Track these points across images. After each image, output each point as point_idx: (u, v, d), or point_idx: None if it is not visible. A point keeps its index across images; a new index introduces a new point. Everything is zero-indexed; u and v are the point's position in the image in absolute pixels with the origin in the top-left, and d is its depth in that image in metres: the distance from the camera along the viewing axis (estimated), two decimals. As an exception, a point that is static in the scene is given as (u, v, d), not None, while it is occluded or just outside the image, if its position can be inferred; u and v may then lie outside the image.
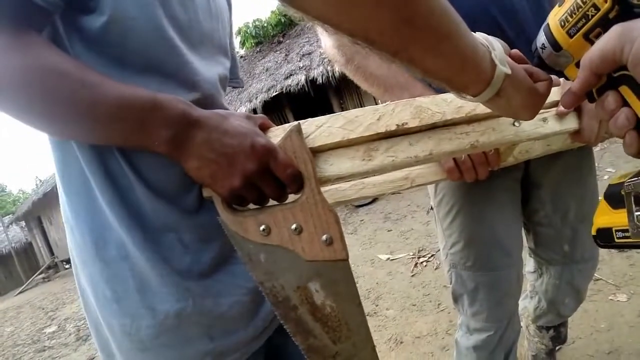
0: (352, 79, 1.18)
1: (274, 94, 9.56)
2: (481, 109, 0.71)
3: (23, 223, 24.02)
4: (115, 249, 0.68)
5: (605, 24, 0.47)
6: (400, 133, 0.69)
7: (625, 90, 0.47)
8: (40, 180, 23.79)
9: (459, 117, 0.70)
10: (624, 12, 0.45)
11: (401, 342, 2.63)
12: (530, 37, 0.57)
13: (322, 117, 0.66)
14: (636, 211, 0.45)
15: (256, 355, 0.81)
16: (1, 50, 0.55)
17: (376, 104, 0.72)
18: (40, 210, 19.71)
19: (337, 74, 8.54)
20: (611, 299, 2.32)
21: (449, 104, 0.70)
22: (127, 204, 0.67)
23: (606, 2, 0.45)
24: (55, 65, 0.56)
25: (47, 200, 17.16)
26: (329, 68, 8.78)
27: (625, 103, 0.48)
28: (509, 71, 0.54)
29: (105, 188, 0.66)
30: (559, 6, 0.52)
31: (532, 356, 1.89)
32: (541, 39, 0.55)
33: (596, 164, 4.44)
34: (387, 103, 0.68)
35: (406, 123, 0.67)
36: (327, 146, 0.66)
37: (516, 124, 0.74)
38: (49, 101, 0.56)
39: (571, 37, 0.50)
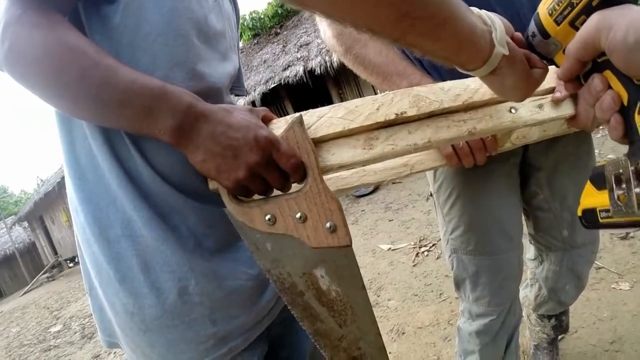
0: (351, 68, 1.19)
1: (273, 85, 9.54)
2: (478, 96, 0.72)
3: (26, 223, 24.11)
4: (120, 228, 0.70)
5: (589, 11, 0.48)
6: (400, 122, 0.70)
7: (608, 74, 0.49)
8: (42, 180, 23.77)
9: (456, 105, 0.71)
10: None
11: (403, 333, 2.64)
12: (524, 21, 0.59)
13: (324, 107, 0.68)
14: (617, 190, 0.47)
15: (258, 343, 0.83)
16: (29, 25, 0.60)
17: (375, 93, 0.73)
18: (42, 210, 19.76)
19: (335, 64, 8.52)
20: (614, 288, 2.31)
21: (446, 93, 0.71)
22: (135, 184, 0.70)
23: None
24: (75, 44, 0.60)
25: (49, 200, 17.23)
26: (327, 58, 8.75)
27: (610, 87, 0.50)
28: (506, 52, 0.56)
29: (115, 169, 0.69)
30: None
31: (534, 346, 1.89)
32: (532, 27, 0.57)
33: (598, 151, 4.41)
34: (386, 93, 0.70)
35: (405, 112, 0.68)
36: (329, 136, 0.67)
37: (512, 110, 0.75)
38: (63, 76, 0.59)
39: (558, 24, 0.52)
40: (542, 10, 0.54)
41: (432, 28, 0.49)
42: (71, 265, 18.76)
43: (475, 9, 0.56)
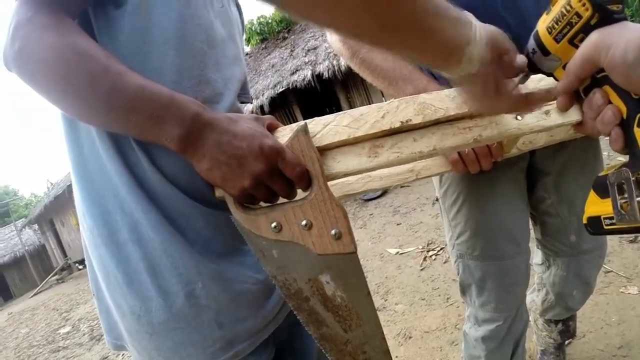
0: (357, 71, 1.19)
1: (281, 90, 9.56)
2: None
3: (36, 226, 24.35)
4: (128, 232, 0.70)
5: (587, 30, 0.50)
6: (405, 129, 0.70)
7: (608, 89, 0.51)
8: (52, 184, 24.03)
9: (461, 113, 0.71)
10: (603, 18, 0.48)
11: (410, 337, 2.63)
12: (530, 25, 0.60)
13: (329, 115, 0.68)
14: (619, 199, 0.49)
15: (264, 348, 0.83)
16: (39, 28, 0.61)
17: (383, 97, 0.74)
18: (52, 213, 19.93)
19: (343, 68, 8.52)
20: (622, 292, 2.29)
21: (452, 100, 0.71)
22: (143, 188, 0.70)
23: (587, 10, 0.49)
24: (85, 49, 0.61)
25: (59, 203, 17.37)
26: (334, 62, 8.76)
27: (610, 102, 0.52)
28: (472, 71, 0.56)
29: (123, 173, 0.69)
30: (547, 14, 0.56)
31: (540, 351, 1.88)
32: (531, 44, 0.59)
33: (607, 153, 4.38)
34: (391, 100, 0.70)
35: (410, 120, 0.69)
36: (334, 144, 0.68)
37: (518, 117, 0.75)
38: (72, 80, 0.60)
39: (558, 42, 0.54)
40: (541, 28, 0.56)
41: (414, 41, 0.52)
42: (80, 267, 18.85)
43: (468, 17, 0.56)
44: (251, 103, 1.11)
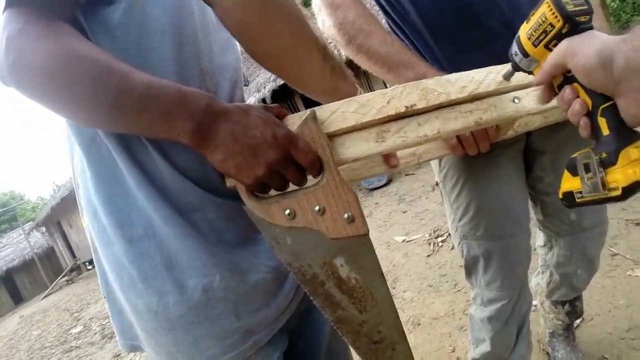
0: (353, 58, 1.17)
1: (282, 82, 9.46)
2: (483, 87, 0.75)
3: (43, 229, 24.41)
4: (142, 228, 0.70)
5: (559, 37, 0.61)
6: (410, 114, 0.72)
7: (576, 86, 0.61)
8: (58, 186, 24.10)
9: (462, 97, 0.74)
10: (573, 28, 0.59)
11: (419, 324, 2.65)
12: (525, 14, 0.66)
13: (336, 102, 0.70)
14: (586, 175, 0.60)
15: (279, 337, 0.84)
16: (33, 37, 0.58)
17: (385, 86, 0.76)
18: (59, 214, 19.99)
19: (343, 58, 8.41)
20: (629, 275, 2.27)
21: (453, 85, 0.74)
22: (154, 184, 0.70)
23: (559, 21, 0.59)
24: (85, 53, 0.59)
25: (65, 205, 17.39)
26: (336, 52, 8.69)
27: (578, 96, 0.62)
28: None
29: (133, 170, 0.69)
30: (527, 23, 0.65)
31: (549, 334, 1.88)
32: (514, 47, 0.69)
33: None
34: (395, 86, 0.72)
35: (414, 104, 0.71)
36: (342, 130, 0.69)
37: (516, 100, 0.78)
38: (76, 87, 0.58)
39: (535, 47, 0.64)
40: (522, 34, 0.66)
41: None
42: (90, 267, 18.94)
43: None
44: (247, 85, 1.10)
